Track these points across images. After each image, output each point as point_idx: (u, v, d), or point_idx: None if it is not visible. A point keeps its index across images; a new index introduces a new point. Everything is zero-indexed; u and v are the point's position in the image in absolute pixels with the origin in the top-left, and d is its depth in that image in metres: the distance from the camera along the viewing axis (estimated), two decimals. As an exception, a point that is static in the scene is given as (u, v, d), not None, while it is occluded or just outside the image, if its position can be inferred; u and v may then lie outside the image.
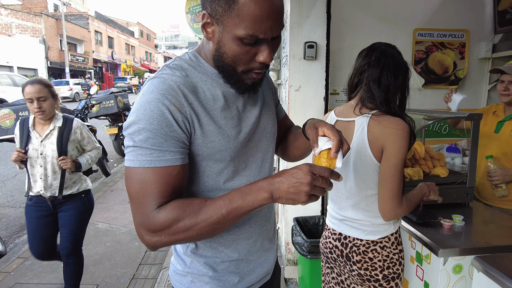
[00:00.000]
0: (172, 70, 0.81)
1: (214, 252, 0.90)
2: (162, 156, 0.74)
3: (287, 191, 0.73)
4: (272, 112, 1.00)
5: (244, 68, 0.79)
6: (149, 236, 0.75)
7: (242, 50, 0.75)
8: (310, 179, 0.71)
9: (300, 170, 0.73)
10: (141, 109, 0.75)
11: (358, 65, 1.33)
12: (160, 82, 0.77)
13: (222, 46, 0.77)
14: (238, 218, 0.77)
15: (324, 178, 0.73)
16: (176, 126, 0.75)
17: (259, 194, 0.74)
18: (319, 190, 0.73)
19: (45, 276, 2.72)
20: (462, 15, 2.86)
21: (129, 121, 0.76)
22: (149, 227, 0.75)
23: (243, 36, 0.73)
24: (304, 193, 0.71)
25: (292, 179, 0.72)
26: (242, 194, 0.75)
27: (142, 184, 0.74)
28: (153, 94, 0.75)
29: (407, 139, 1.20)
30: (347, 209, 1.35)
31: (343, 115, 1.37)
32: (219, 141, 0.81)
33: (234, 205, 0.75)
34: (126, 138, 0.77)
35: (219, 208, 0.75)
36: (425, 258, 1.45)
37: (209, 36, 0.80)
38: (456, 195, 1.70)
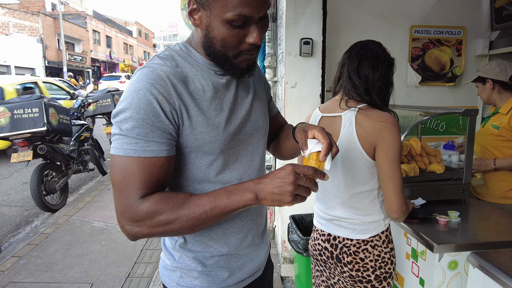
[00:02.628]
0: (162, 60, 0.80)
1: (203, 246, 0.88)
2: (147, 146, 0.74)
3: (271, 192, 0.73)
4: (264, 107, 0.99)
5: (234, 52, 0.78)
6: (130, 226, 0.75)
7: (232, 33, 0.75)
8: (293, 178, 0.72)
9: (283, 170, 0.74)
10: (129, 98, 0.74)
11: (341, 60, 1.35)
12: (149, 72, 0.76)
13: (210, 31, 0.76)
14: (221, 217, 0.77)
15: (308, 177, 0.73)
16: (163, 117, 0.75)
17: (244, 194, 0.75)
18: (304, 190, 0.73)
19: (40, 275, 2.70)
20: (459, 12, 2.85)
21: (117, 109, 0.75)
22: (131, 217, 0.74)
23: (231, 18, 0.72)
24: (288, 193, 0.72)
25: (276, 179, 0.73)
26: (227, 193, 0.76)
27: (125, 173, 0.74)
28: (142, 83, 0.75)
29: (398, 132, 1.20)
30: (336, 208, 1.32)
31: (328, 110, 1.35)
32: (208, 132, 0.80)
33: (218, 202, 0.75)
34: (113, 126, 0.76)
35: (203, 204, 0.75)
36: (421, 254, 1.44)
37: (196, 22, 0.79)
38: (452, 191, 1.68)
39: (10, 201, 4.52)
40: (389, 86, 1.30)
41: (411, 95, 2.91)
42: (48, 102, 3.81)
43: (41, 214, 4.13)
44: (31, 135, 3.68)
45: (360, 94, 1.26)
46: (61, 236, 3.37)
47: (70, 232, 3.45)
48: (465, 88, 2.96)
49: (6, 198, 4.60)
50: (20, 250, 3.07)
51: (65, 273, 2.72)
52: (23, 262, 2.89)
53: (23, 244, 3.19)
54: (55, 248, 3.11)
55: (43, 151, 3.77)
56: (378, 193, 1.29)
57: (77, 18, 28.11)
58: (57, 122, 3.84)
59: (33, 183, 3.75)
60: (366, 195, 1.27)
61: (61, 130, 3.92)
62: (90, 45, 29.01)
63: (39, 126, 3.62)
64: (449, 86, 2.96)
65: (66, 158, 4.29)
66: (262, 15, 0.77)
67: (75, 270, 2.77)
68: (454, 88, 2.96)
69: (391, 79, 1.30)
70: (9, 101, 3.82)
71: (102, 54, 31.44)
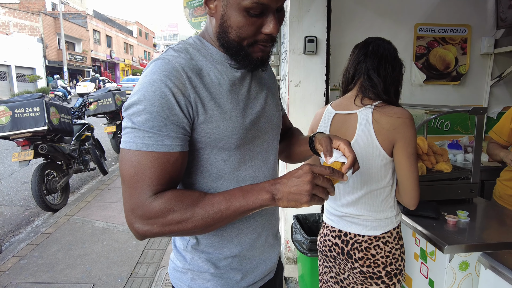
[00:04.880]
0: (177, 52, 0.78)
1: (216, 247, 0.86)
2: (160, 140, 0.71)
3: (288, 191, 0.72)
4: (278, 105, 0.97)
5: (249, 41, 0.76)
6: (140, 224, 0.72)
7: (248, 21, 0.73)
8: (311, 177, 0.70)
9: (300, 169, 0.72)
10: (143, 90, 0.71)
11: (354, 56, 1.33)
12: (164, 63, 0.74)
13: (226, 19, 0.74)
14: (236, 217, 0.74)
15: (325, 178, 0.72)
16: (178, 110, 0.72)
17: (260, 194, 0.73)
18: (321, 191, 0.72)
19: (41, 275, 2.68)
20: (464, 10, 2.82)
21: (130, 102, 0.73)
22: (142, 214, 0.71)
23: (248, 5, 0.70)
24: (305, 192, 0.70)
25: (293, 179, 0.71)
26: (243, 192, 0.74)
27: (137, 168, 0.71)
28: (156, 75, 0.72)
29: (414, 127, 1.21)
30: (348, 205, 1.31)
31: (341, 107, 1.34)
32: (224, 126, 0.78)
33: (234, 202, 0.73)
34: (125, 119, 0.73)
35: (218, 203, 0.73)
36: (430, 255, 1.42)
37: (212, 11, 0.77)
38: (460, 191, 1.66)
39: (11, 200, 4.50)
40: (400, 86, 1.32)
41: (416, 94, 2.89)
42: (49, 101, 3.79)
43: (42, 214, 4.11)
44: (32, 134, 3.66)
45: (377, 93, 1.26)
46: (62, 236, 3.34)
47: (71, 232, 3.42)
48: (470, 87, 2.93)
49: (7, 198, 4.58)
50: (21, 250, 3.05)
51: (67, 273, 2.70)
52: (24, 262, 2.87)
53: (24, 244, 3.17)
54: (56, 248, 3.09)
55: (44, 151, 3.75)
56: (391, 190, 1.29)
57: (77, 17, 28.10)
58: (58, 121, 3.82)
59: (34, 182, 3.72)
60: (381, 192, 1.26)
61: (62, 129, 3.90)
62: (91, 45, 29.00)
63: (40, 125, 3.60)
64: (453, 85, 2.93)
65: (67, 157, 4.27)
66: (279, 6, 0.75)
67: (77, 270, 2.74)
68: (458, 86, 2.94)
69: (401, 80, 1.33)
70: (10, 100, 3.79)
71: (102, 54, 31.43)
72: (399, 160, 1.22)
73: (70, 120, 4.12)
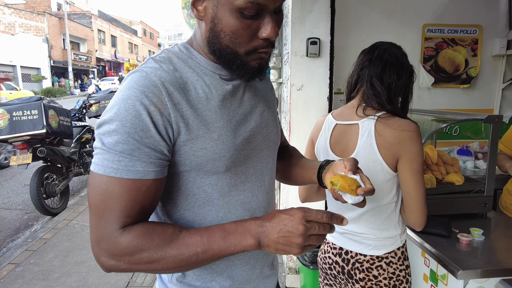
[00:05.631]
0: (157, 63, 0.68)
1: (204, 281, 0.77)
2: (131, 166, 0.62)
3: (276, 241, 0.63)
4: (275, 119, 0.87)
5: (246, 48, 0.67)
6: (106, 258, 0.64)
7: (242, 24, 0.64)
8: (303, 229, 0.61)
9: (291, 217, 0.62)
10: (116, 107, 0.63)
11: (359, 62, 1.24)
12: (141, 77, 0.65)
13: (217, 23, 0.65)
14: (214, 260, 0.66)
15: (322, 224, 0.63)
16: (153, 131, 0.63)
17: (244, 238, 0.64)
18: (315, 239, 0.63)
19: (36, 283, 2.61)
20: (475, 10, 2.70)
21: (102, 120, 0.64)
22: (107, 249, 0.63)
23: (242, 5, 0.62)
24: (296, 245, 0.61)
25: (282, 227, 0.62)
26: (224, 234, 0.65)
27: (104, 195, 0.63)
28: (131, 91, 0.63)
29: (421, 141, 1.11)
30: (350, 222, 1.22)
31: (343, 117, 1.24)
32: (211, 148, 0.69)
33: (212, 244, 0.64)
34: (96, 138, 0.65)
35: (194, 245, 0.64)
36: (441, 278, 1.31)
37: (200, 14, 0.67)
38: (473, 204, 1.55)
39: (11, 204, 4.46)
40: (408, 95, 1.22)
41: (423, 98, 2.77)
42: (48, 104, 3.73)
43: (41, 218, 4.05)
44: (31, 138, 3.61)
45: (381, 103, 1.16)
46: (60, 241, 3.28)
47: (69, 238, 3.36)
48: (481, 90, 2.81)
49: (7, 201, 4.54)
50: (18, 257, 2.99)
51: (62, 282, 2.63)
52: (20, 269, 2.80)
53: (20, 250, 3.11)
54: (53, 255, 3.03)
55: (42, 154, 3.70)
56: (395, 207, 1.19)
57: (82, 17, 28.22)
58: (57, 124, 3.76)
59: (33, 186, 3.67)
60: (384, 209, 1.18)
61: (61, 132, 3.85)
62: (95, 45, 29.11)
63: (38, 129, 3.54)
64: (463, 88, 2.81)
65: (67, 160, 4.21)
66: (277, 7, 0.66)
67: (73, 279, 2.67)
68: (469, 90, 2.81)
69: (411, 88, 1.22)
70: (8, 102, 3.75)
71: (107, 54, 31.55)
72: (403, 177, 1.12)
73: (70, 122, 4.06)
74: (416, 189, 1.11)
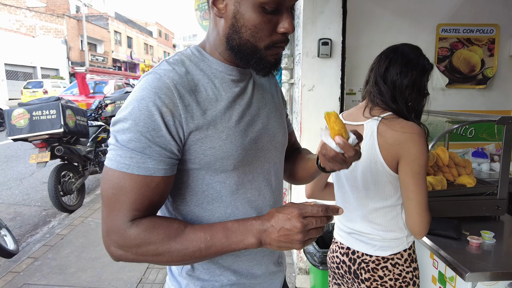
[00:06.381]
0: (170, 66, 0.72)
1: (212, 275, 0.80)
2: (142, 163, 0.66)
3: (277, 239, 0.67)
4: (283, 120, 0.90)
5: (266, 42, 0.70)
6: (115, 248, 0.68)
7: (264, 19, 0.68)
8: (301, 226, 0.64)
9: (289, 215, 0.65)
10: (130, 107, 0.67)
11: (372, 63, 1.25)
12: (154, 79, 0.69)
13: (239, 18, 0.68)
14: (216, 255, 0.69)
15: (319, 218, 0.65)
16: (164, 131, 0.67)
17: (246, 237, 0.68)
18: (314, 232, 0.66)
19: (53, 277, 2.70)
20: (492, 9, 2.65)
21: (117, 118, 0.69)
22: (116, 240, 0.68)
23: (264, 1, 0.66)
24: (296, 241, 0.65)
25: (282, 226, 0.66)
26: (227, 232, 0.68)
27: (116, 189, 0.67)
28: (145, 92, 0.67)
29: (425, 144, 1.09)
30: (356, 221, 1.23)
31: (351, 118, 1.26)
32: (220, 147, 0.72)
33: (215, 241, 0.67)
34: (110, 135, 0.69)
35: (197, 241, 0.67)
36: (450, 280, 1.30)
37: (221, 12, 0.70)
38: (485, 207, 1.53)
39: (30, 200, 4.61)
40: (421, 95, 1.18)
41: (437, 99, 2.73)
42: (65, 104, 3.85)
43: (58, 215, 4.18)
44: (49, 137, 3.73)
45: (385, 102, 1.17)
46: (75, 238, 3.38)
47: (84, 234, 3.45)
48: (498, 91, 2.75)
49: (26, 198, 4.69)
50: (36, 251, 3.10)
51: (78, 277, 2.71)
52: (38, 263, 2.90)
53: (39, 245, 3.21)
54: (69, 250, 3.12)
55: (60, 152, 3.82)
56: (401, 209, 1.19)
57: (99, 19, 28.85)
58: (74, 123, 3.88)
59: (51, 183, 3.79)
60: (388, 210, 1.18)
61: (78, 131, 3.96)
62: (112, 46, 29.69)
63: (56, 128, 3.66)
64: (479, 89, 2.76)
65: (83, 159, 4.33)
66: (293, 5, 0.71)
67: (88, 274, 2.75)
68: (485, 91, 2.76)
69: (424, 86, 1.19)
70: (28, 103, 3.88)
71: (123, 55, 32.13)
72: (402, 179, 1.12)
73: (86, 122, 4.18)
74: (415, 192, 1.10)
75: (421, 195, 1.09)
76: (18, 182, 5.28)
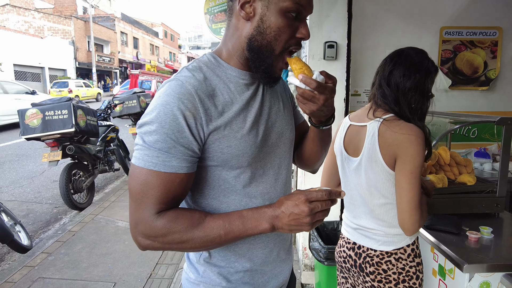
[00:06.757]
0: (190, 72, 0.79)
1: (228, 262, 0.87)
2: (168, 161, 0.73)
3: (288, 223, 0.75)
4: (291, 118, 0.97)
5: (282, 45, 0.79)
6: (142, 238, 0.76)
7: (287, 23, 0.77)
8: (308, 210, 0.72)
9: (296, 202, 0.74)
10: (156, 110, 0.74)
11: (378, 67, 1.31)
12: (177, 86, 0.76)
13: (265, 20, 0.77)
14: (234, 241, 0.78)
15: (324, 201, 0.73)
16: (188, 133, 0.74)
17: (260, 223, 0.76)
18: (321, 214, 0.74)
19: (67, 271, 2.80)
20: (494, 12, 2.70)
21: (143, 121, 0.76)
22: (144, 231, 0.75)
23: (289, 6, 0.75)
24: (305, 224, 0.73)
25: (291, 211, 0.74)
26: (243, 220, 0.76)
27: (143, 185, 0.74)
28: (170, 97, 0.74)
29: (422, 145, 1.13)
30: (361, 217, 1.30)
31: (357, 119, 1.33)
32: (235, 145, 0.79)
33: (233, 227, 0.75)
34: (137, 136, 0.77)
35: (217, 228, 0.75)
36: (449, 272, 1.37)
37: (249, 15, 0.78)
38: (485, 204, 1.59)
39: (41, 198, 4.73)
40: (425, 97, 1.23)
41: (441, 100, 2.78)
42: (77, 104, 3.95)
43: (69, 212, 4.28)
44: (61, 136, 3.83)
45: (388, 103, 1.22)
46: (87, 234, 3.48)
47: (95, 231, 3.55)
48: (500, 92, 2.80)
49: (38, 195, 4.81)
50: (49, 247, 3.20)
51: (90, 271, 2.80)
52: (52, 258, 3.00)
53: (52, 241, 3.32)
54: (81, 246, 3.22)
55: (71, 151, 3.92)
56: None
57: (106, 20, 29.12)
58: (84, 123, 3.98)
59: (62, 182, 3.90)
60: (391, 207, 1.24)
61: (88, 131, 4.06)
62: (118, 47, 29.96)
63: (68, 127, 3.76)
64: (482, 90, 2.81)
65: (93, 158, 4.43)
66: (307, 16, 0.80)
67: (99, 269, 2.84)
68: (487, 92, 2.81)
69: (428, 88, 1.23)
70: (41, 103, 3.99)
71: (129, 55, 32.39)
72: (396, 177, 1.17)
73: (96, 122, 4.28)
74: (406, 190, 1.14)
75: (411, 193, 1.13)
76: (29, 180, 5.41)
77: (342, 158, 1.36)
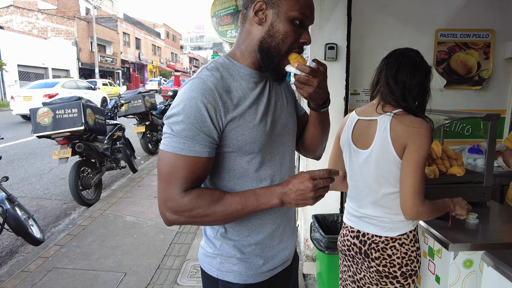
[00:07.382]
0: (209, 72, 0.93)
1: (242, 236, 1.00)
2: (192, 147, 0.87)
3: (295, 198, 0.89)
4: (293, 111, 1.11)
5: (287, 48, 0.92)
6: (170, 213, 0.88)
7: (293, 29, 0.91)
8: (312, 186, 0.87)
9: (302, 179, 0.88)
10: (182, 104, 0.88)
11: (379, 66, 1.41)
12: (200, 83, 0.90)
13: (275, 25, 0.91)
14: (249, 215, 0.92)
15: (325, 179, 0.88)
16: (209, 123, 0.88)
17: (271, 199, 0.90)
18: (323, 190, 0.88)
19: (79, 262, 2.93)
20: (487, 15, 2.83)
21: (171, 113, 0.89)
22: (172, 207, 0.88)
23: (296, 15, 0.90)
24: (310, 198, 0.88)
25: (297, 188, 0.88)
26: (257, 196, 0.90)
27: (172, 167, 0.87)
28: (194, 93, 0.88)
29: (429, 138, 1.24)
30: (367, 207, 1.38)
31: (365, 114, 1.41)
32: (249, 134, 0.93)
33: (248, 203, 0.89)
34: (165, 126, 0.90)
35: (235, 203, 0.89)
36: (437, 252, 1.50)
37: (261, 20, 0.93)
38: (473, 194, 1.72)
39: (51, 194, 4.87)
40: (426, 93, 1.35)
41: (436, 99, 2.88)
42: (86, 103, 4.08)
43: (78, 208, 4.42)
44: (70, 134, 3.96)
45: (396, 100, 1.32)
46: (96, 228, 3.61)
47: (104, 225, 3.69)
48: (493, 92, 2.93)
49: (47, 192, 4.95)
50: (61, 240, 3.34)
51: (101, 262, 2.94)
52: (64, 250, 3.14)
53: (63, 234, 3.46)
54: (91, 239, 3.36)
55: (80, 149, 4.05)
56: None
57: (108, 21, 29.29)
58: (93, 122, 4.11)
59: (71, 178, 4.04)
60: (397, 196, 1.31)
61: (97, 129, 4.19)
62: (120, 47, 30.11)
63: (78, 126, 3.90)
64: (475, 90, 2.93)
65: (101, 155, 4.57)
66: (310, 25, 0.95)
67: (110, 260, 2.98)
68: (481, 91, 2.94)
69: (428, 86, 1.35)
70: (52, 102, 4.12)
71: (131, 56, 32.55)
72: (402, 164, 1.27)
73: (104, 120, 4.41)
74: (408, 176, 1.24)
75: (412, 179, 1.22)
76: (38, 177, 5.55)
77: (350, 151, 1.43)
